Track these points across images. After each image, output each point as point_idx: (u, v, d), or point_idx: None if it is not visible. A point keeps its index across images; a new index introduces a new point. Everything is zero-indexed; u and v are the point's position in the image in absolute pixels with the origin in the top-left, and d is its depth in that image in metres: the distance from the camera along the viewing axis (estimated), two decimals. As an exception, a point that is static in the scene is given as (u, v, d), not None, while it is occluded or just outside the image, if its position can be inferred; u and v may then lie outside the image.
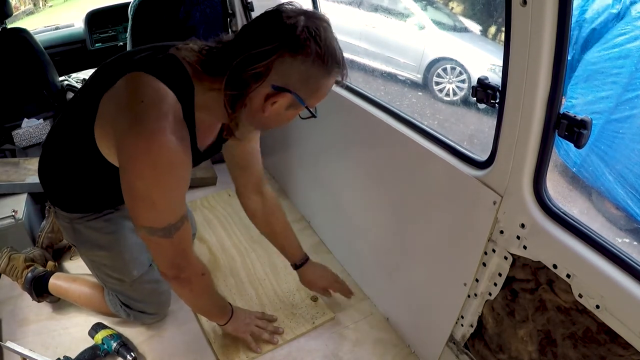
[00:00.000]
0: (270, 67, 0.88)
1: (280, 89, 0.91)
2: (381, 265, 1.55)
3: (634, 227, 2.17)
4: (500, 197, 0.99)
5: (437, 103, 3.79)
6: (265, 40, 0.87)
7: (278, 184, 2.29)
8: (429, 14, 4.04)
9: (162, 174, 0.91)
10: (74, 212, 1.26)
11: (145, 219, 0.97)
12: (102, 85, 0.98)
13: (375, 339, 1.50)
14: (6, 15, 2.10)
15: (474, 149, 1.11)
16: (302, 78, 0.91)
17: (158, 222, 0.97)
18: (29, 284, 1.50)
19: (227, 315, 1.36)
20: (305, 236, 1.95)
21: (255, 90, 0.91)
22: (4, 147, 2.11)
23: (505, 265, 1.03)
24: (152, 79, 0.91)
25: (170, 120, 0.89)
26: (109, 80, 0.97)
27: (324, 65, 0.90)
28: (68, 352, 1.38)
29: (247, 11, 2.22)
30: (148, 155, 0.88)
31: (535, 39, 0.78)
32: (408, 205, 1.35)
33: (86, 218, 1.27)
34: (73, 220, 1.27)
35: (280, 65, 0.88)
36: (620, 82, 2.16)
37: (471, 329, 1.19)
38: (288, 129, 2.05)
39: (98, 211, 1.28)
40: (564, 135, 0.83)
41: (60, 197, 1.26)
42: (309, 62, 0.89)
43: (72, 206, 1.25)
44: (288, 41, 0.86)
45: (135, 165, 0.91)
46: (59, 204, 1.26)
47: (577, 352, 0.90)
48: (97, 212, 1.28)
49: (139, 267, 1.37)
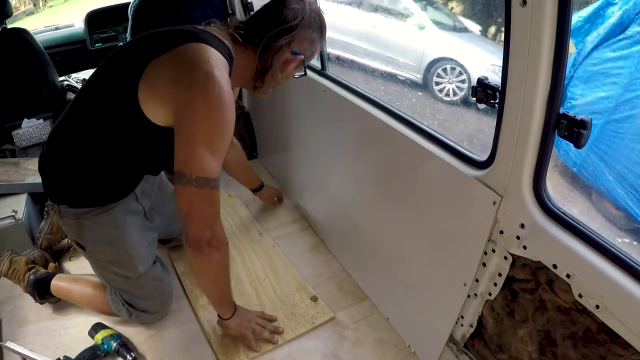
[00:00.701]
0: (293, 38, 1.19)
1: (297, 54, 1.22)
2: (381, 265, 1.55)
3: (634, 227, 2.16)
4: (500, 197, 0.99)
5: (437, 103, 3.79)
6: (288, 18, 1.17)
7: (278, 184, 2.30)
8: (429, 14, 4.04)
9: (225, 115, 1.05)
10: (80, 206, 1.26)
11: (201, 169, 1.03)
12: (141, 57, 1.10)
13: (375, 339, 1.49)
14: (6, 15, 2.10)
15: (473, 149, 1.11)
16: (309, 44, 1.23)
17: (212, 172, 1.05)
18: (32, 286, 1.50)
19: (232, 307, 1.38)
20: (305, 236, 1.95)
21: (281, 56, 1.20)
22: (4, 147, 2.11)
23: (505, 265, 1.03)
24: (207, 46, 1.08)
25: (227, 77, 1.08)
26: (151, 51, 1.09)
27: (322, 34, 1.26)
28: (68, 352, 1.38)
29: (247, 11, 2.22)
30: (219, 98, 1.02)
31: (535, 39, 0.78)
32: (408, 205, 1.35)
33: (92, 213, 1.27)
34: (79, 215, 1.27)
35: (298, 35, 1.19)
36: (620, 82, 2.16)
37: (471, 329, 1.19)
38: (288, 129, 2.05)
39: (104, 204, 1.29)
40: (563, 136, 0.83)
41: (66, 191, 1.26)
42: (316, 33, 1.23)
43: (78, 200, 1.26)
44: (304, 19, 1.18)
45: (203, 108, 1.02)
46: (64, 200, 1.26)
47: (577, 352, 0.90)
48: (103, 204, 1.29)
49: (144, 263, 1.39)
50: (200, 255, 1.14)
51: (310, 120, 1.84)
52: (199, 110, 1.02)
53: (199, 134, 1.03)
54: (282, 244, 1.89)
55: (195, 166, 1.03)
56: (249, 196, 2.20)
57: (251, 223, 2.01)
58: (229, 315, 1.37)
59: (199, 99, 1.02)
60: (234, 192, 2.21)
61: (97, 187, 1.26)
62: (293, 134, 2.03)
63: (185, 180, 1.03)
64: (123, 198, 1.33)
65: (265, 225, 2.01)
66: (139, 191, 1.43)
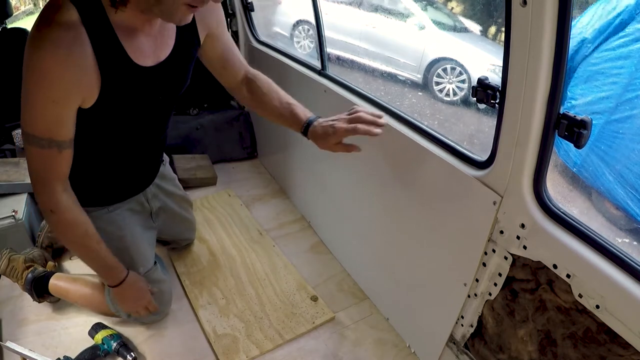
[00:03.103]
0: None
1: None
2: (381, 265, 1.55)
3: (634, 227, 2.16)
4: (500, 197, 0.99)
5: (437, 103, 3.79)
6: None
7: (278, 184, 2.30)
8: (429, 14, 4.04)
9: (37, 82, 0.93)
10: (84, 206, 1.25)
11: (25, 124, 0.99)
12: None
13: (375, 339, 1.50)
14: (6, 15, 2.10)
15: (474, 149, 1.11)
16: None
17: (36, 128, 0.98)
18: (30, 285, 1.50)
19: (118, 276, 1.27)
20: (305, 236, 1.95)
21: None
22: (4, 147, 2.11)
23: (505, 265, 1.03)
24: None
25: (54, 27, 0.87)
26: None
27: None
28: (68, 352, 1.38)
29: (247, 11, 2.22)
30: (30, 63, 0.90)
31: (535, 39, 0.78)
32: (408, 205, 1.35)
33: (94, 213, 1.27)
34: None
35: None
36: (620, 82, 2.16)
37: (471, 329, 1.19)
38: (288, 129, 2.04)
39: (105, 204, 1.28)
40: (563, 136, 0.83)
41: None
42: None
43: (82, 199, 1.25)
44: None
45: (24, 73, 0.93)
46: None
47: (577, 352, 0.90)
48: (103, 205, 1.28)
49: (145, 264, 1.38)
50: (49, 223, 1.11)
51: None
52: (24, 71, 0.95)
53: (24, 90, 0.98)
54: (282, 244, 1.89)
55: (21, 121, 0.99)
56: (249, 196, 2.20)
57: (251, 223, 2.01)
58: (113, 283, 1.28)
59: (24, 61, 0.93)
60: (234, 192, 2.22)
61: (93, 188, 1.26)
62: (293, 134, 2.02)
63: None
64: (122, 200, 1.32)
65: (265, 225, 2.01)
66: (151, 193, 1.42)
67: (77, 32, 0.88)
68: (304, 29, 4.51)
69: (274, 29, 4.65)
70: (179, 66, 1.12)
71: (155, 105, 1.17)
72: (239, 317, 1.54)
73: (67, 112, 0.98)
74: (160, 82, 1.09)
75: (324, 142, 1.20)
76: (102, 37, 0.92)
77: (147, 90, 1.08)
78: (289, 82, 1.90)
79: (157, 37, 1.03)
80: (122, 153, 1.24)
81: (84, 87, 0.95)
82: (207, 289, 1.65)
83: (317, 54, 1.78)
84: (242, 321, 1.52)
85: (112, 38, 0.94)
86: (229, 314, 1.55)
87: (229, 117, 2.50)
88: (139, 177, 1.39)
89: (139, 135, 1.23)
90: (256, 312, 1.56)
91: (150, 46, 1.02)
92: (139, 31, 0.98)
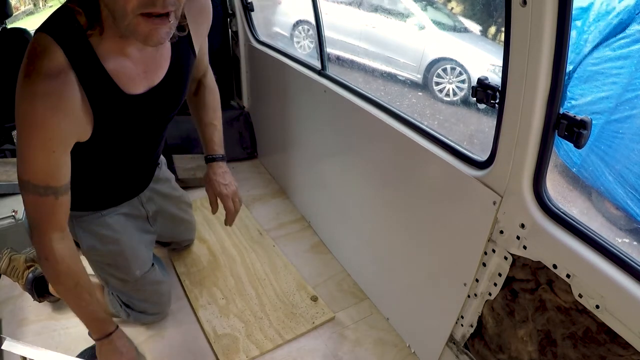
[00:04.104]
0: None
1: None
2: (381, 265, 1.55)
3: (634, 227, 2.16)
4: (500, 197, 0.99)
5: (437, 103, 3.79)
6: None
7: (278, 184, 2.30)
8: (429, 14, 4.04)
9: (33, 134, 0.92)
10: (77, 210, 1.25)
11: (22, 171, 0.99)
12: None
13: (375, 339, 1.50)
14: (6, 15, 2.10)
15: (473, 149, 1.11)
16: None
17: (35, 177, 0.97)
18: (30, 284, 1.50)
19: (103, 330, 1.22)
20: (305, 236, 1.95)
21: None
22: (4, 147, 2.11)
23: (505, 265, 1.03)
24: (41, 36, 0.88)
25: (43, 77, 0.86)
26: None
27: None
28: (68, 352, 1.38)
29: (247, 11, 2.22)
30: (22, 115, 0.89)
31: (535, 39, 0.78)
32: (408, 205, 1.35)
33: (90, 216, 1.27)
34: (76, 219, 1.27)
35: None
36: (620, 82, 2.16)
37: (471, 329, 1.19)
38: (288, 129, 2.05)
39: (99, 209, 1.28)
40: (563, 136, 0.83)
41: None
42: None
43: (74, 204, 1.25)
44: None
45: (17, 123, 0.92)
46: None
47: (577, 352, 0.90)
48: (96, 210, 1.28)
49: (141, 267, 1.38)
50: (42, 268, 1.09)
51: (310, 121, 1.84)
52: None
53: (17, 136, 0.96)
54: (282, 244, 1.89)
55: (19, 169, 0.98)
56: (249, 196, 2.20)
57: (251, 223, 2.01)
58: (97, 336, 1.22)
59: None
60: (234, 192, 2.21)
61: (85, 194, 1.24)
62: (293, 134, 2.03)
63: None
64: (115, 205, 1.32)
65: (265, 225, 2.01)
66: (146, 197, 1.42)
67: (65, 78, 0.88)
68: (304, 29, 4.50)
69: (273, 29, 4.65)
70: (174, 86, 1.10)
71: (151, 127, 1.18)
72: (239, 317, 1.54)
73: (64, 157, 0.98)
74: (153, 106, 1.08)
75: (206, 184, 1.41)
76: (91, 74, 0.91)
77: (140, 117, 1.08)
78: (288, 82, 1.91)
79: (148, 62, 1.01)
80: (115, 167, 1.24)
81: (79, 128, 0.96)
82: (207, 289, 1.65)
83: (317, 54, 1.78)
84: (242, 321, 1.52)
85: (100, 72, 0.92)
86: (229, 314, 1.55)
87: (229, 117, 2.49)
88: (132, 184, 1.38)
89: (133, 154, 1.24)
90: (256, 312, 1.56)
91: (140, 72, 1.00)
92: (127, 58, 0.96)
